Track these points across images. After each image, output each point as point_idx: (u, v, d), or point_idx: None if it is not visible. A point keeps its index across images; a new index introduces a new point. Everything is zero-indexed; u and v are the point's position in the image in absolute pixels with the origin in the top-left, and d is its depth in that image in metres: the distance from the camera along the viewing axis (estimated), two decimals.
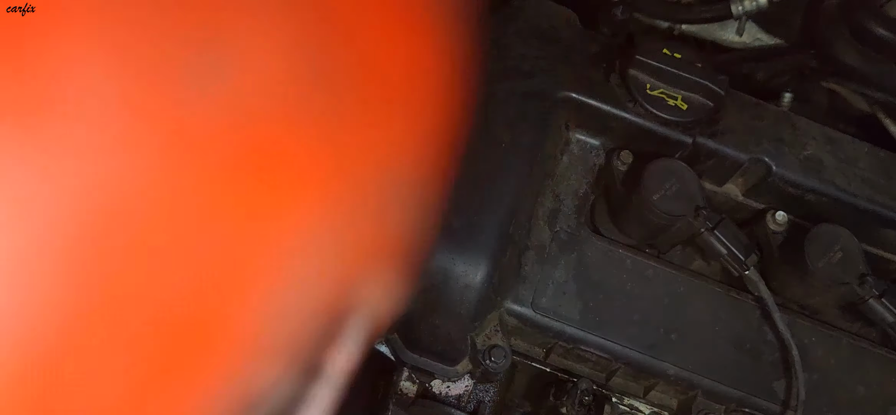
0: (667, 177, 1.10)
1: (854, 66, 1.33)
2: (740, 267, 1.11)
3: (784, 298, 1.17)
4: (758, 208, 1.21)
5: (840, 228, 1.12)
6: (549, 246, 1.12)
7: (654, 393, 1.13)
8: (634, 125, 1.15)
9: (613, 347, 1.09)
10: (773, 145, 1.17)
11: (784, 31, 1.48)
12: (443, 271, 1.04)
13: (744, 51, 1.49)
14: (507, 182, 1.08)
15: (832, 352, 1.15)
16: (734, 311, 1.14)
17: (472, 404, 1.17)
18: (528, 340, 1.12)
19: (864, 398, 1.13)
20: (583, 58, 1.19)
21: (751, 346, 1.12)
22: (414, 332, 1.08)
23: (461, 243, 1.04)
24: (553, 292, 1.10)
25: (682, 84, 1.16)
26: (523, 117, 1.11)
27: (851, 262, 1.10)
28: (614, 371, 1.12)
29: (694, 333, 1.11)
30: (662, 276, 1.14)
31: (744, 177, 1.19)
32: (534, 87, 1.14)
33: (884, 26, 1.29)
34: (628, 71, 1.16)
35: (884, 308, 1.10)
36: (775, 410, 1.10)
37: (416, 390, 1.15)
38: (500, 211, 1.06)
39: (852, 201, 1.16)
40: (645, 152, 1.18)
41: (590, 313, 1.09)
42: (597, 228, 1.20)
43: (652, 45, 1.18)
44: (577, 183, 1.18)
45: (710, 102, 1.15)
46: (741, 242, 1.10)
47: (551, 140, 1.14)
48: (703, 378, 1.10)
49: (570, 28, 1.25)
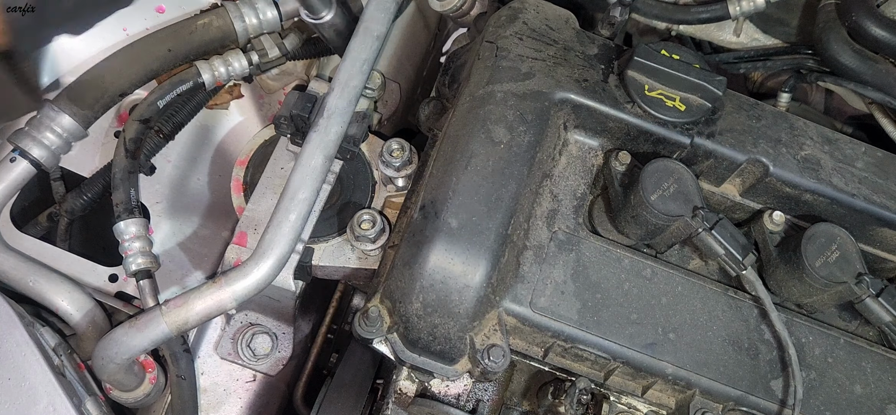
0: (665, 177, 1.10)
1: (851, 66, 1.34)
2: (738, 267, 1.12)
3: (781, 297, 1.17)
4: (755, 208, 1.22)
5: (837, 228, 1.13)
6: (548, 246, 1.13)
7: (652, 392, 1.14)
8: (632, 126, 1.16)
9: (611, 346, 1.09)
10: (770, 145, 1.18)
11: (781, 31, 1.49)
12: (442, 271, 1.05)
13: (741, 51, 1.50)
14: (506, 183, 1.08)
15: (829, 351, 1.15)
16: (732, 310, 1.15)
17: (470, 403, 1.18)
18: (526, 339, 1.13)
19: (861, 396, 1.13)
20: (581, 59, 1.20)
21: (748, 345, 1.13)
22: (413, 331, 1.08)
23: (460, 243, 1.05)
24: (551, 292, 1.10)
25: (680, 85, 1.17)
26: (522, 118, 1.12)
27: (848, 261, 1.11)
28: (612, 370, 1.12)
29: (692, 332, 1.12)
30: (660, 275, 1.14)
31: (741, 177, 1.20)
32: (532, 88, 1.14)
33: (881, 26, 1.29)
34: (626, 72, 1.16)
35: (881, 307, 1.10)
36: (773, 408, 1.11)
37: (415, 389, 1.16)
38: (498, 211, 1.07)
39: (850, 201, 1.16)
40: (643, 153, 1.19)
41: (588, 313, 1.10)
42: (595, 228, 1.20)
43: (650, 47, 1.19)
44: (575, 183, 1.18)
45: (708, 103, 1.16)
46: (739, 242, 1.11)
47: (550, 141, 1.15)
48: (700, 377, 1.10)
49: (569, 29, 1.25)
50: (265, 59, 1.43)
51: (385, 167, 1.31)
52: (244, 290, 1.14)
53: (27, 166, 1.32)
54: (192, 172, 1.65)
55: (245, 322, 1.44)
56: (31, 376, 1.20)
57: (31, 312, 1.30)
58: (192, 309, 1.15)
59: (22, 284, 1.32)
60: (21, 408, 1.19)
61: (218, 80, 1.42)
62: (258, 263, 1.14)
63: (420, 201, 1.10)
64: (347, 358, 1.37)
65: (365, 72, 1.26)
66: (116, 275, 1.48)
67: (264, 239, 1.15)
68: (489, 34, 1.21)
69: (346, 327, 1.58)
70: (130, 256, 1.28)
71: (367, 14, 1.29)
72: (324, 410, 1.30)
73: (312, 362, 1.49)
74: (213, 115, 1.68)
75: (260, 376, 1.42)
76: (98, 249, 1.52)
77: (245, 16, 1.41)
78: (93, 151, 1.57)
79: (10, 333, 1.22)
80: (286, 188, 1.17)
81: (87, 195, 1.46)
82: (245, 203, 1.38)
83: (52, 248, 1.47)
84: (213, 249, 1.58)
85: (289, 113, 1.29)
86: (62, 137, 1.33)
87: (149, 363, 1.34)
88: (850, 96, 1.53)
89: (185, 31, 1.40)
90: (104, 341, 1.18)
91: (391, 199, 1.35)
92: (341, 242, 1.31)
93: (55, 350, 1.27)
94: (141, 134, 1.36)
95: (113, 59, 1.38)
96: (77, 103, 1.33)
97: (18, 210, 1.50)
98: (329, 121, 1.21)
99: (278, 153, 1.40)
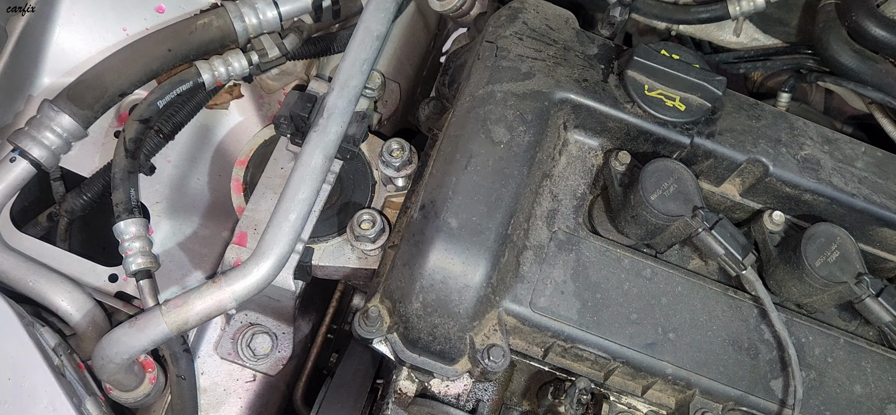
0: (665, 177, 1.10)
1: (851, 66, 1.34)
2: (738, 266, 1.12)
3: (781, 297, 1.17)
4: (755, 208, 1.22)
5: (837, 228, 1.13)
6: (548, 246, 1.13)
7: (651, 392, 1.14)
8: (632, 126, 1.16)
9: (611, 346, 1.09)
10: (770, 145, 1.18)
11: (781, 31, 1.49)
12: (442, 271, 1.05)
13: (741, 51, 1.50)
14: (506, 183, 1.08)
15: (829, 351, 1.15)
16: (732, 310, 1.15)
17: (470, 403, 1.17)
18: (526, 339, 1.13)
19: (861, 396, 1.13)
20: (581, 59, 1.20)
21: (748, 345, 1.13)
22: (413, 331, 1.08)
23: (460, 243, 1.05)
24: (551, 292, 1.10)
25: (679, 85, 1.17)
26: (522, 118, 1.12)
27: (848, 261, 1.11)
28: (612, 370, 1.12)
29: (691, 332, 1.12)
30: (660, 275, 1.14)
31: (741, 177, 1.20)
32: (532, 88, 1.14)
33: (881, 26, 1.29)
34: (626, 72, 1.16)
35: (881, 307, 1.10)
36: (773, 408, 1.10)
37: (415, 389, 1.16)
38: (498, 211, 1.07)
39: (849, 201, 1.16)
40: (643, 153, 1.19)
41: (588, 313, 1.10)
42: (595, 228, 1.20)
43: (650, 47, 1.19)
44: (575, 183, 1.18)
45: (708, 103, 1.16)
46: (738, 242, 1.10)
47: (549, 141, 1.15)
48: (700, 377, 1.10)
49: (569, 29, 1.25)
50: (265, 59, 1.43)
51: (385, 167, 1.31)
52: (244, 290, 1.14)
53: (27, 166, 1.32)
54: (192, 172, 1.65)
55: (245, 322, 1.44)
56: (31, 376, 1.20)
57: (31, 312, 1.30)
58: (192, 309, 1.15)
59: (22, 284, 1.32)
60: (21, 408, 1.19)
61: (218, 80, 1.42)
62: (258, 263, 1.14)
63: (420, 201, 1.10)
64: (347, 358, 1.37)
65: (365, 72, 1.26)
66: (116, 275, 1.48)
67: (264, 239, 1.15)
68: (489, 34, 1.21)
69: (346, 327, 1.58)
70: (130, 256, 1.28)
71: (367, 14, 1.29)
72: (324, 410, 1.30)
73: (312, 362, 1.49)
74: (213, 115, 1.68)
75: (260, 375, 1.42)
76: (98, 249, 1.52)
77: (245, 16, 1.42)
78: (93, 151, 1.57)
79: (10, 333, 1.22)
80: (286, 188, 1.17)
81: (86, 195, 1.46)
82: (245, 203, 1.38)
83: (51, 248, 1.47)
84: (213, 249, 1.59)
85: (289, 113, 1.29)
86: (62, 137, 1.33)
87: (149, 363, 1.34)
88: (850, 96, 1.53)
89: (185, 31, 1.40)
90: (104, 341, 1.18)
91: (391, 199, 1.35)
92: (341, 242, 1.31)
93: (55, 350, 1.27)
94: (141, 134, 1.36)
95: (113, 59, 1.38)
96: (77, 103, 1.33)
97: (18, 210, 1.50)
98: (329, 121, 1.21)
99: (278, 153, 1.40)
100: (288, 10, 1.44)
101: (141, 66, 1.38)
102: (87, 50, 1.56)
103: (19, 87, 1.52)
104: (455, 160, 1.09)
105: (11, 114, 1.50)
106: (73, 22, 1.57)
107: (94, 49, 1.56)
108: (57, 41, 1.56)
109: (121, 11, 1.57)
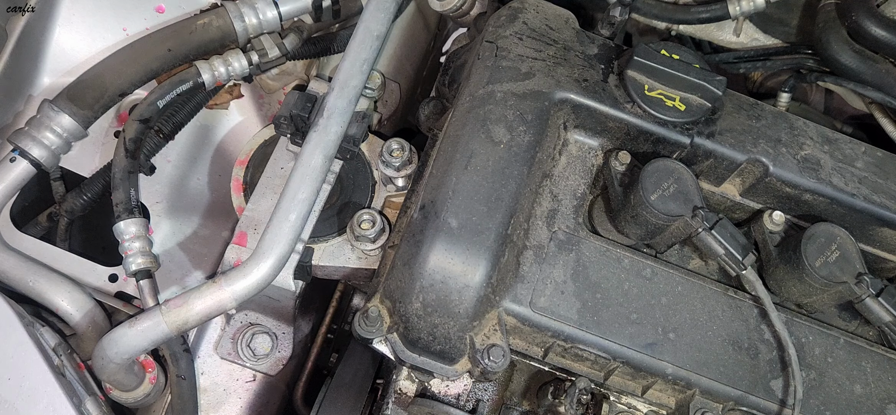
0: (665, 177, 1.10)
1: (851, 66, 1.34)
2: (738, 266, 1.12)
3: (781, 297, 1.17)
4: (755, 208, 1.22)
5: (837, 228, 1.13)
6: (548, 246, 1.13)
7: (652, 392, 1.14)
8: (632, 126, 1.16)
9: (611, 346, 1.09)
10: (770, 145, 1.18)
11: (781, 31, 1.49)
12: (442, 271, 1.05)
13: (741, 51, 1.50)
14: (506, 183, 1.08)
15: (829, 351, 1.15)
16: (732, 310, 1.15)
17: (470, 403, 1.17)
18: (526, 339, 1.13)
19: (861, 396, 1.13)
20: (581, 59, 1.20)
21: (748, 345, 1.13)
22: (413, 331, 1.08)
23: (460, 243, 1.05)
24: (551, 292, 1.10)
25: (679, 85, 1.17)
26: (522, 118, 1.12)
27: (848, 261, 1.11)
28: (612, 370, 1.12)
29: (691, 332, 1.12)
30: (660, 275, 1.14)
31: (741, 177, 1.20)
32: (532, 88, 1.14)
33: (881, 26, 1.29)
34: (626, 72, 1.16)
35: (881, 307, 1.10)
36: (773, 408, 1.10)
37: (415, 389, 1.16)
38: (498, 211, 1.07)
39: (849, 201, 1.16)
40: (643, 153, 1.19)
41: (588, 313, 1.10)
42: (595, 228, 1.20)
43: (650, 46, 1.19)
44: (575, 183, 1.18)
45: (708, 103, 1.16)
46: (738, 242, 1.10)
47: (549, 141, 1.15)
48: (700, 377, 1.10)
49: (569, 29, 1.25)
50: (265, 59, 1.43)
51: (385, 167, 1.31)
52: (244, 290, 1.14)
53: (27, 166, 1.32)
54: (192, 172, 1.65)
55: (245, 322, 1.44)
56: (31, 376, 1.20)
57: (31, 312, 1.30)
58: (192, 309, 1.15)
59: (22, 284, 1.32)
60: (21, 408, 1.19)
61: (218, 80, 1.42)
62: (258, 263, 1.14)
63: (420, 201, 1.10)
64: (347, 358, 1.37)
65: (365, 72, 1.26)
66: (116, 275, 1.48)
67: (264, 239, 1.15)
68: (489, 34, 1.21)
69: (346, 327, 1.58)
70: (130, 256, 1.28)
71: (367, 14, 1.29)
72: (324, 410, 1.30)
73: (312, 362, 1.49)
74: (213, 115, 1.68)
75: (260, 375, 1.42)
76: (98, 249, 1.52)
77: (245, 16, 1.42)
78: (93, 151, 1.57)
79: (10, 333, 1.22)
80: (286, 188, 1.17)
81: (86, 195, 1.46)
82: (245, 203, 1.38)
83: (51, 248, 1.47)
84: (213, 249, 1.59)
85: (289, 113, 1.29)
86: (62, 137, 1.33)
87: (149, 363, 1.34)
88: (850, 96, 1.53)
89: (185, 31, 1.40)
90: (104, 340, 1.18)
91: (391, 199, 1.35)
92: (341, 242, 1.31)
93: (55, 350, 1.27)
94: (141, 134, 1.36)
95: (113, 59, 1.38)
96: (77, 103, 1.33)
97: (18, 210, 1.50)
98: (329, 121, 1.21)
99: (278, 153, 1.40)
100: (288, 10, 1.44)
101: (141, 66, 1.38)
102: (87, 50, 1.56)
103: (19, 87, 1.52)
104: (455, 160, 1.09)
105: (11, 114, 1.50)
106: (73, 22, 1.57)
107: (94, 49, 1.56)
108: (57, 41, 1.56)
109: (121, 11, 1.57)
